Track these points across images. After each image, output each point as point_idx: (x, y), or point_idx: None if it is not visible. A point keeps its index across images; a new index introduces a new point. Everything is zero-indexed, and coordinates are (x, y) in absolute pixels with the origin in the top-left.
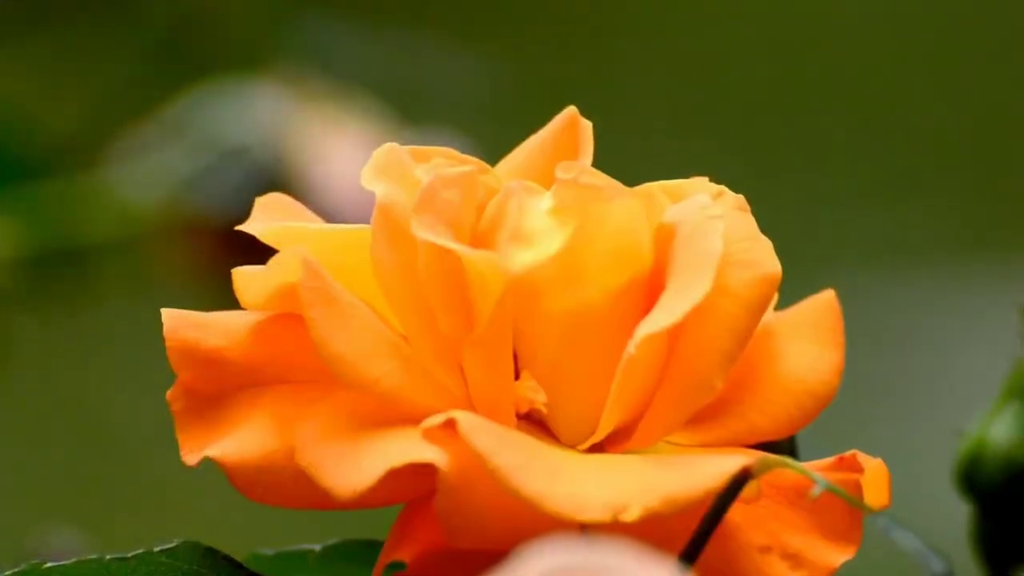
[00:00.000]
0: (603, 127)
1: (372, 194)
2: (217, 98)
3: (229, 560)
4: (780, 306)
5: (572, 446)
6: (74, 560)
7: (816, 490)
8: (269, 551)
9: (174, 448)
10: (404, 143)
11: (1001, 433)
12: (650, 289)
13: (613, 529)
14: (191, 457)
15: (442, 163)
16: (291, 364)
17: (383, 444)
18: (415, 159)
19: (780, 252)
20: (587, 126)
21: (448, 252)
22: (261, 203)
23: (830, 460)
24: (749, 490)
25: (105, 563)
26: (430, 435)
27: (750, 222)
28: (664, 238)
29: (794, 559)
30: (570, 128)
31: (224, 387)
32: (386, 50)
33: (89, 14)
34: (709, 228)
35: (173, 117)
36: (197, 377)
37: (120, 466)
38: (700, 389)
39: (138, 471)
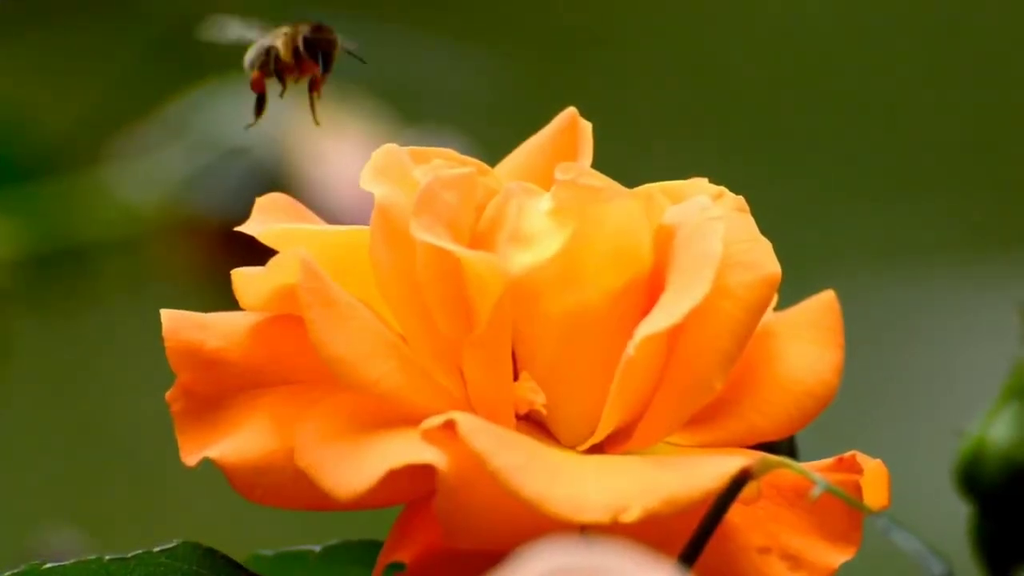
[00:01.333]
0: (603, 128)
1: (371, 195)
2: (217, 98)
3: (228, 560)
4: (780, 306)
5: (572, 447)
6: (74, 560)
7: (816, 491)
8: (269, 552)
9: (174, 448)
10: (404, 143)
11: (1001, 433)
12: (650, 290)
13: (613, 530)
14: (191, 458)
15: (441, 164)
16: (291, 365)
17: (383, 445)
18: (414, 160)
19: (780, 253)
20: (587, 127)
21: (447, 253)
22: (261, 203)
23: (830, 461)
24: (749, 491)
25: (105, 563)
26: (429, 436)
27: (750, 223)
28: (664, 239)
29: (793, 560)
30: (570, 129)
31: (224, 388)
32: (386, 50)
33: (89, 13)
34: (709, 229)
35: (173, 117)
36: (197, 378)
37: (120, 466)
38: (700, 390)
39: (138, 471)
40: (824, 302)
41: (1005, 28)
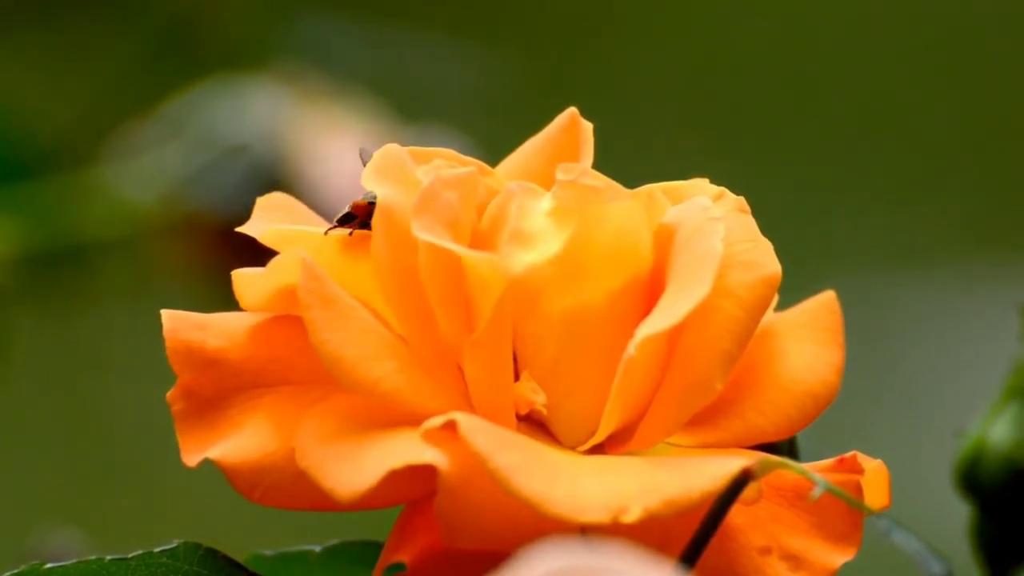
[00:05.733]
0: (603, 127)
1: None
2: (216, 96)
3: (229, 560)
4: (780, 307)
5: (572, 447)
6: (74, 560)
7: (816, 491)
8: (269, 552)
9: (174, 448)
10: (404, 142)
11: (1001, 433)
12: (650, 290)
13: (613, 531)
14: (191, 458)
15: (442, 164)
16: (291, 365)
17: (383, 446)
18: (416, 160)
19: (780, 253)
20: (587, 127)
21: (448, 253)
22: (262, 203)
23: (830, 461)
24: (749, 492)
25: (105, 563)
26: (430, 436)
27: (750, 223)
28: (664, 239)
29: (794, 560)
30: (570, 129)
31: (224, 388)
32: (386, 48)
33: (87, 11)
34: (709, 229)
35: (172, 115)
36: (197, 378)
37: (120, 466)
38: (700, 390)
39: (138, 471)
40: (824, 302)
41: (1005, 29)
